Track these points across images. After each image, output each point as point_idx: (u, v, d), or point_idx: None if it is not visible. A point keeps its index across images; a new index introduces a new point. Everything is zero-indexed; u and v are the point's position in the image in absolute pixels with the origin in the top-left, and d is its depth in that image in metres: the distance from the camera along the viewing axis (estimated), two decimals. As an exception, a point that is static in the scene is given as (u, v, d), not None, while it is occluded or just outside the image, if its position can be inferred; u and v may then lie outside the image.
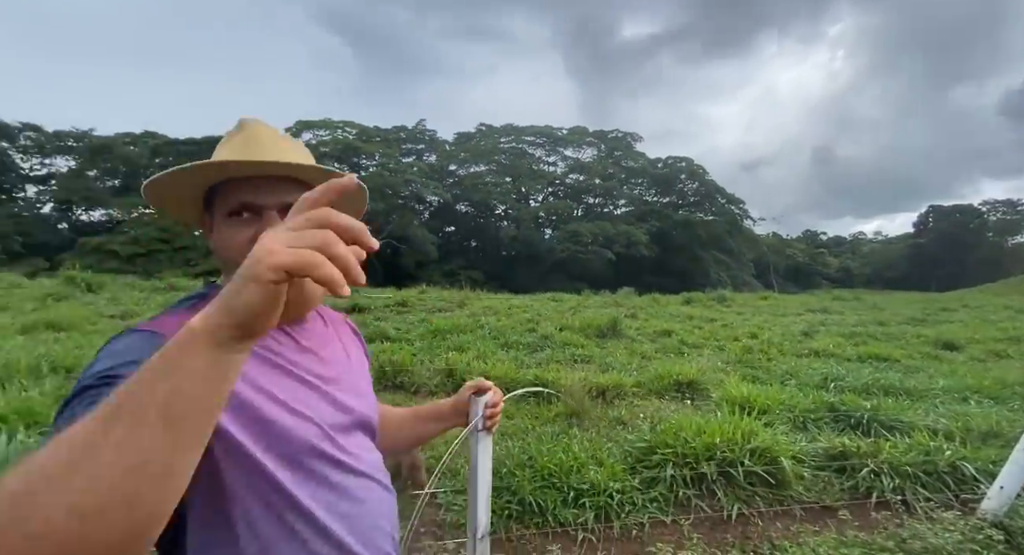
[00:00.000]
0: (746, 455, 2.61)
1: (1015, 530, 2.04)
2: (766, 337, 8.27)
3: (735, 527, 2.36)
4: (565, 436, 3.37)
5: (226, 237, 0.65)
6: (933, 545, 1.97)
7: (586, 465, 2.66)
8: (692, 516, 2.43)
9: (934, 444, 2.78)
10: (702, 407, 4.16)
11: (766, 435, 2.77)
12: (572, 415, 3.94)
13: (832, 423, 3.56)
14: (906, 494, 2.50)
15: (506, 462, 2.66)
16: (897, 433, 3.25)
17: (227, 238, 0.65)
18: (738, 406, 3.61)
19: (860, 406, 3.60)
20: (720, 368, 5.73)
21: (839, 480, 2.69)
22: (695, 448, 2.67)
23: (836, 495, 2.58)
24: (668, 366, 5.20)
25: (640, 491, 2.54)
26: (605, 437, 3.40)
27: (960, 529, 2.07)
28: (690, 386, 4.74)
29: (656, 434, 2.92)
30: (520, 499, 2.43)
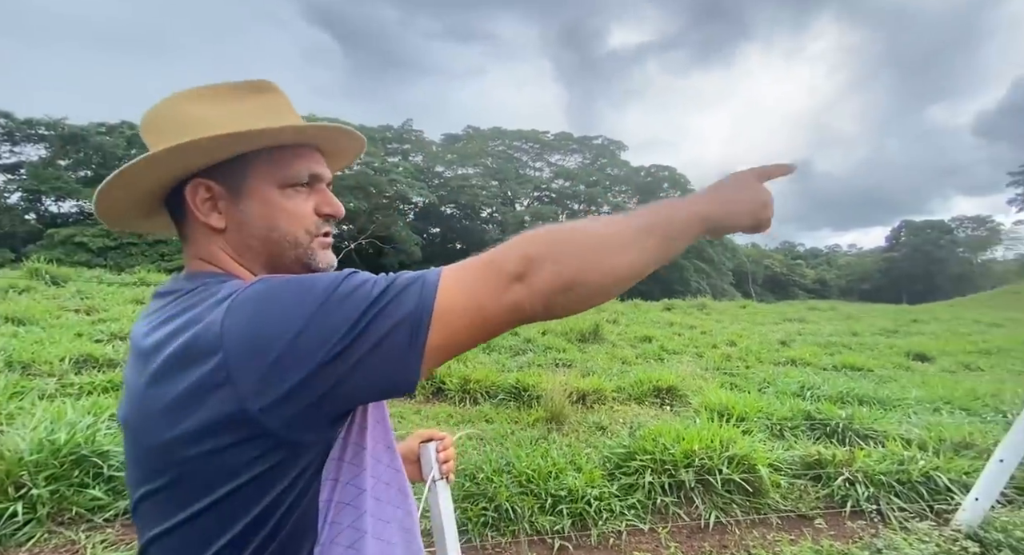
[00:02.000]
0: (724, 463, 2.59)
1: (990, 542, 2.05)
2: (744, 345, 8.38)
3: (712, 535, 2.33)
4: (544, 441, 3.32)
5: (289, 208, 0.59)
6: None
7: (564, 471, 2.60)
8: (670, 524, 2.39)
9: (908, 454, 2.81)
10: (681, 413, 4.15)
11: (744, 443, 2.75)
12: (552, 420, 3.89)
13: (808, 431, 3.58)
14: (880, 503, 2.50)
15: (483, 467, 2.58)
16: (871, 442, 3.28)
17: (291, 209, 0.59)
18: (717, 413, 3.61)
19: (835, 415, 3.63)
20: (699, 375, 5.76)
21: (815, 488, 2.69)
22: (674, 455, 2.64)
23: (812, 503, 2.58)
24: (648, 372, 5.20)
25: (618, 498, 2.49)
26: (584, 442, 3.36)
27: (935, 540, 2.07)
28: (669, 392, 4.74)
29: (635, 440, 2.88)
30: (496, 505, 2.36)
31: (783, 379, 5.33)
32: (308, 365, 0.44)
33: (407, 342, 0.46)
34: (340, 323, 0.45)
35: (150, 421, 0.47)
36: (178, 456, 0.46)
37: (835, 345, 8.77)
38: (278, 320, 0.45)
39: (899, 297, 51.16)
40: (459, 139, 46.94)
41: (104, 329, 6.17)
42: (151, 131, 0.58)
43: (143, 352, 0.50)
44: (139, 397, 0.49)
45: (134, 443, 0.50)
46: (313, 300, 0.46)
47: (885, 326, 12.40)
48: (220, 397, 0.44)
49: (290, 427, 0.45)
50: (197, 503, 0.46)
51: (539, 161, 49.05)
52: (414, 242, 34.75)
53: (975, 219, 67.18)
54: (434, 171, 43.45)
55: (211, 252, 0.58)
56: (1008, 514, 2.27)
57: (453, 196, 41.03)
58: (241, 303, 0.46)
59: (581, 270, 0.49)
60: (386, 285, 0.48)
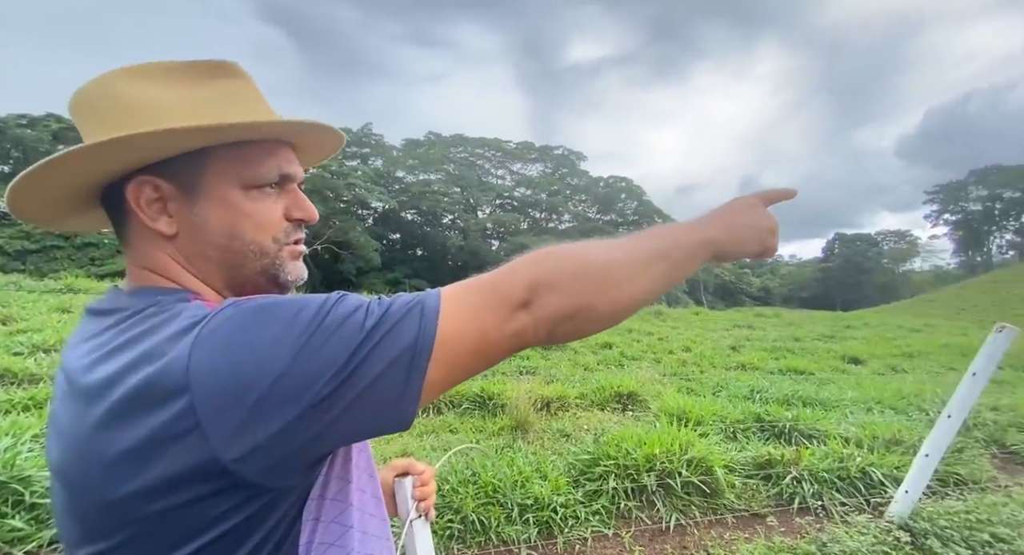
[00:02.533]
0: (683, 465, 2.69)
1: (918, 531, 2.24)
2: (698, 350, 8.74)
3: (673, 537, 2.41)
4: (510, 450, 3.32)
5: (255, 212, 0.51)
6: (850, 548, 2.12)
7: (531, 479, 2.62)
8: (633, 528, 2.45)
9: (847, 451, 3.02)
10: (642, 418, 4.27)
11: (701, 446, 2.87)
12: (517, 428, 3.90)
13: (759, 432, 3.78)
14: (824, 499, 2.68)
15: (449, 479, 2.55)
16: (815, 441, 3.50)
17: (257, 214, 0.51)
18: (675, 417, 3.74)
19: (782, 416, 3.85)
20: (658, 380, 5.95)
21: (766, 487, 2.83)
22: (636, 460, 2.71)
23: (763, 502, 2.72)
24: (610, 378, 5.32)
25: (583, 504, 2.53)
26: (550, 450, 3.39)
27: (872, 532, 2.24)
28: (630, 398, 4.87)
29: (599, 446, 2.94)
30: (463, 517, 2.33)
31: (735, 383, 5.60)
32: (292, 411, 0.39)
33: (404, 380, 0.42)
34: (329, 362, 0.40)
35: (97, 473, 0.39)
36: (135, 514, 0.39)
37: (780, 350, 9.32)
38: (257, 357, 0.39)
39: (834, 304, 55.06)
40: (420, 144, 46.54)
41: (24, 340, 5.62)
42: (86, 114, 0.48)
43: (85, 390, 0.41)
44: (81, 444, 0.40)
45: (73, 496, 0.42)
46: (298, 333, 0.40)
47: (823, 331, 13.31)
48: (187, 445, 0.37)
49: (269, 476, 0.40)
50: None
51: (501, 169, 49.42)
52: (373, 248, 33.97)
53: (896, 233, 73.82)
54: (394, 176, 42.80)
55: (159, 261, 0.50)
56: (933, 505, 2.49)
57: (414, 202, 40.54)
58: (211, 334, 0.39)
59: (588, 299, 0.47)
60: (381, 314, 0.43)
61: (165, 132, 0.44)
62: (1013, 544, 2.10)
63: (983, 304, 32.09)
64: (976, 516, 2.32)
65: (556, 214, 48.95)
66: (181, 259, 0.50)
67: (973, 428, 3.80)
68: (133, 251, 0.51)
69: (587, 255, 0.50)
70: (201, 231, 0.49)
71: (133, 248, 0.51)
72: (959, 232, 66.53)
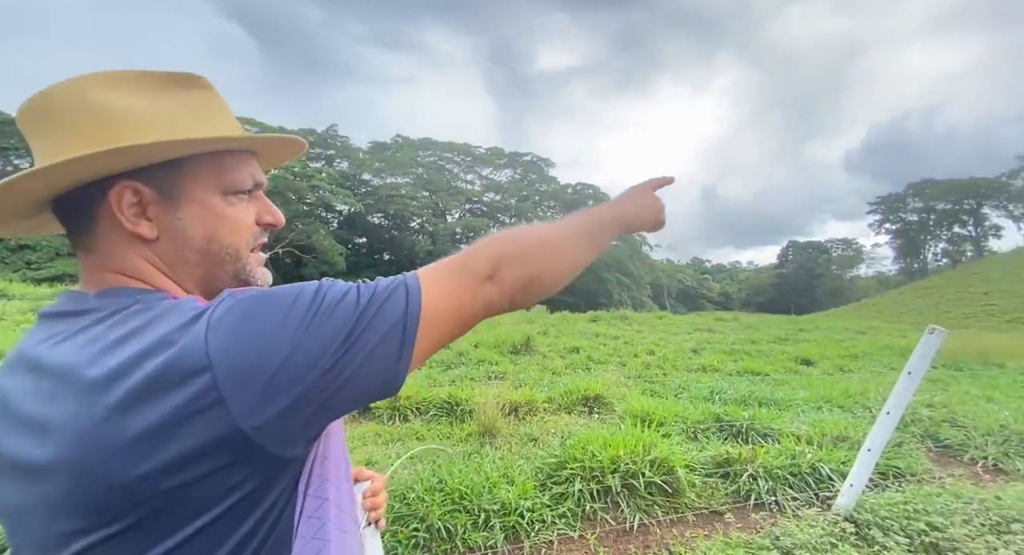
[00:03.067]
0: (647, 466, 2.76)
1: (862, 522, 2.38)
2: (662, 353, 8.97)
3: (637, 537, 2.46)
4: (477, 455, 3.30)
5: (232, 217, 0.55)
6: (801, 540, 2.22)
7: (498, 484, 2.61)
8: (598, 529, 2.49)
9: (798, 449, 3.18)
10: (607, 420, 4.35)
11: (664, 446, 2.95)
12: (485, 433, 3.89)
13: (718, 432, 3.92)
14: (778, 495, 2.80)
15: (414, 487, 2.51)
16: (769, 439, 3.66)
17: (233, 218, 0.55)
18: (639, 419, 3.83)
19: (740, 416, 4.01)
20: (623, 382, 6.07)
21: (724, 485, 2.94)
22: (601, 462, 2.76)
23: (722, 500, 2.82)
24: (577, 381, 5.38)
25: (550, 508, 2.55)
26: (517, 454, 3.39)
27: (821, 524, 2.36)
28: (596, 400, 4.94)
29: (565, 449, 2.97)
30: (428, 525, 2.30)
31: (696, 385, 5.78)
32: (304, 381, 0.43)
33: (398, 348, 0.48)
34: (332, 336, 0.45)
35: (111, 458, 0.40)
36: (154, 491, 0.41)
37: (738, 352, 9.69)
38: (269, 337, 0.43)
39: (788, 308, 57.81)
40: (388, 147, 45.90)
41: (-51, 349, 5.17)
42: (51, 121, 0.48)
43: (91, 382, 0.42)
44: (88, 433, 0.41)
45: (75, 487, 0.41)
46: (301, 315, 0.45)
47: (778, 334, 13.93)
48: (210, 419, 0.41)
49: (283, 444, 0.45)
50: (176, 536, 0.42)
51: (470, 173, 49.38)
52: (337, 252, 33.15)
53: (843, 241, 78.64)
54: (361, 179, 41.99)
55: (131, 264, 0.51)
56: (875, 497, 2.65)
57: (381, 205, 39.87)
58: (221, 320, 0.43)
59: (539, 269, 0.58)
60: (371, 294, 0.49)
61: (167, 144, 0.47)
62: (946, 532, 2.26)
63: (920, 307, 34.51)
64: (913, 506, 2.48)
65: (525, 219, 49.26)
66: (158, 262, 0.52)
67: (910, 424, 4.07)
68: (99, 255, 0.51)
69: (535, 235, 0.61)
70: (182, 235, 0.52)
71: (99, 252, 0.51)
72: (898, 241, 71.39)
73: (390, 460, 3.32)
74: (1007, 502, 2.51)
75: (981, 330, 21.10)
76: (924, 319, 24.88)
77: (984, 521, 2.34)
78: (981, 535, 2.23)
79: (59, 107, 0.48)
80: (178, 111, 0.51)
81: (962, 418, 4.14)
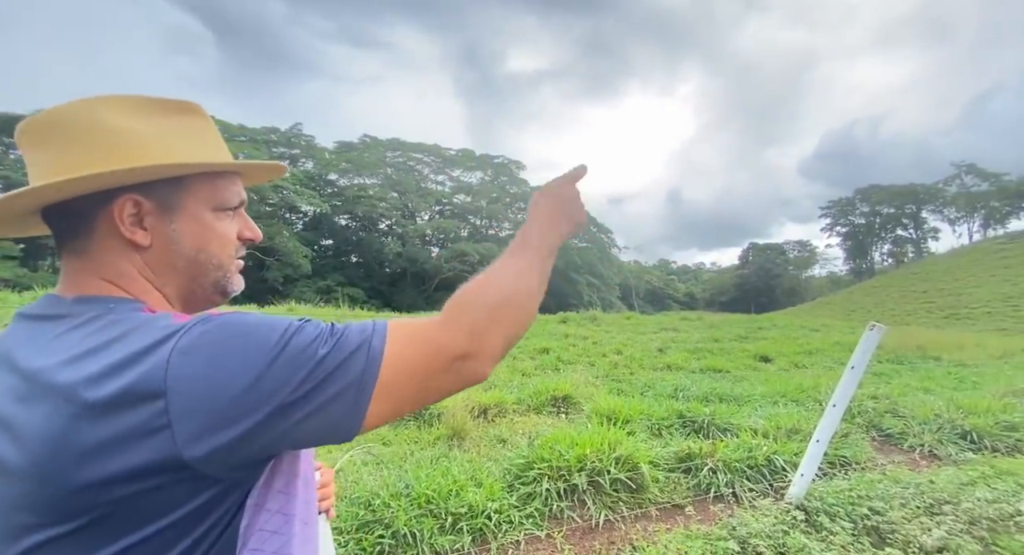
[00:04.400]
0: (612, 463, 2.82)
1: (812, 509, 2.52)
2: (629, 353, 9.18)
3: (602, 534, 2.51)
4: (445, 459, 3.29)
5: (220, 231, 0.60)
6: (755, 529, 2.33)
7: (465, 487, 2.61)
8: (564, 527, 2.52)
9: (755, 442, 3.32)
10: (575, 420, 4.41)
11: (629, 443, 3.02)
12: (453, 436, 3.87)
13: (681, 428, 4.05)
14: (735, 487, 2.92)
15: (380, 493, 2.48)
16: (729, 434, 3.81)
17: (221, 232, 0.61)
18: (606, 418, 3.90)
19: (701, 412, 4.15)
20: (591, 382, 6.17)
21: (686, 479, 3.04)
22: (568, 460, 2.80)
23: (684, 493, 2.91)
24: (546, 382, 5.44)
25: (517, 508, 2.57)
26: (486, 457, 3.40)
27: (774, 513, 2.48)
28: (565, 401, 5.01)
29: (533, 449, 3.00)
30: (394, 532, 2.27)
31: (661, 383, 5.95)
32: (252, 419, 0.45)
33: (351, 406, 0.49)
34: (287, 382, 0.46)
35: (68, 463, 0.43)
36: (101, 498, 0.43)
37: (701, 350, 10.03)
38: (228, 372, 0.45)
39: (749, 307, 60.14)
40: (354, 147, 44.94)
41: None
42: (62, 137, 0.53)
43: (62, 388, 0.44)
44: (52, 439, 0.43)
45: (33, 486, 0.44)
46: (265, 354, 0.47)
47: (739, 333, 14.50)
48: (155, 442, 0.43)
49: (224, 471, 0.47)
50: (122, 541, 0.45)
51: (441, 175, 48.98)
52: (302, 254, 32.19)
53: (799, 243, 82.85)
54: (326, 179, 40.96)
55: (122, 271, 0.55)
56: (823, 485, 2.80)
57: (348, 206, 39.01)
58: (188, 347, 0.46)
59: (513, 331, 0.59)
60: (333, 345, 0.50)
61: (172, 166, 0.54)
62: (886, 515, 2.42)
63: (867, 305, 36.62)
64: (857, 493, 2.64)
65: (496, 221, 49.29)
66: (144, 269, 0.56)
67: (856, 415, 4.33)
68: (89, 259, 0.55)
69: (502, 289, 0.60)
70: (175, 244, 0.57)
71: (90, 257, 0.55)
72: (848, 242, 75.66)
73: (354, 467, 3.25)
74: (939, 485, 2.71)
75: (920, 326, 22.65)
76: (871, 316, 26.42)
77: (919, 504, 2.52)
78: (916, 517, 2.39)
79: (70, 125, 0.53)
80: (177, 135, 0.57)
81: (902, 409, 4.43)
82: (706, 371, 7.50)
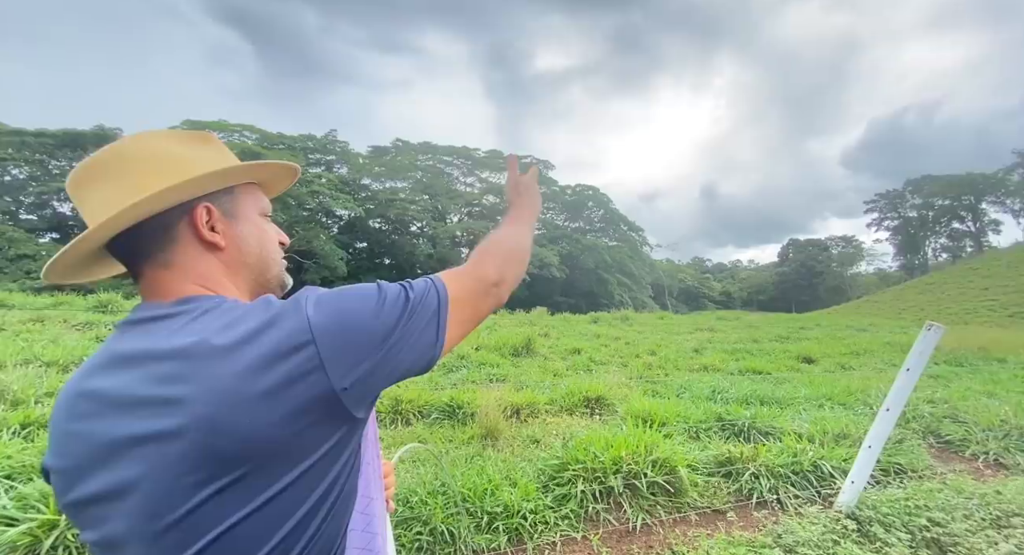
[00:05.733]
0: (648, 466, 2.77)
1: (864, 519, 2.39)
2: (663, 354, 8.98)
3: (640, 537, 2.47)
4: (480, 458, 3.31)
5: (270, 233, 0.72)
6: (802, 538, 2.23)
7: (500, 487, 2.62)
8: (601, 530, 2.49)
9: (800, 446, 3.19)
10: (609, 422, 4.35)
11: (665, 447, 2.96)
12: (487, 436, 3.89)
13: (719, 431, 3.93)
14: (779, 493, 2.81)
15: (417, 490, 2.53)
16: (771, 438, 3.67)
17: (270, 235, 0.72)
18: (641, 420, 3.84)
19: (741, 415, 4.02)
20: (625, 383, 6.07)
21: (726, 484, 2.95)
22: (603, 462, 2.77)
23: (724, 498, 2.83)
24: (578, 383, 5.39)
25: (552, 509, 2.56)
26: (519, 457, 3.40)
27: (822, 522, 2.37)
28: (598, 402, 4.95)
29: (568, 450, 2.98)
30: (431, 528, 2.31)
31: (697, 384, 5.79)
32: (377, 353, 0.57)
33: (435, 334, 0.63)
34: (393, 322, 0.59)
35: (239, 413, 0.51)
36: (270, 439, 0.52)
37: (740, 351, 9.69)
38: (354, 318, 0.57)
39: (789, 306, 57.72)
40: (387, 152, 45.95)
41: (-48, 360, 5.18)
42: (131, 164, 0.61)
43: (221, 350, 0.53)
44: (222, 394, 0.51)
45: (206, 440, 0.50)
46: (373, 302, 0.59)
47: (780, 333, 13.94)
48: (312, 381, 0.53)
49: (358, 404, 0.57)
50: (283, 479, 0.53)
51: (470, 177, 49.36)
52: (338, 257, 33.15)
53: (843, 238, 78.42)
54: (360, 184, 42.02)
55: (207, 273, 0.64)
56: (876, 493, 2.66)
57: (381, 210, 39.91)
58: (317, 306, 0.57)
59: (521, 270, 0.79)
60: (412, 292, 0.63)
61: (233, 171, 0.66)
62: (947, 527, 2.27)
63: (921, 304, 34.43)
64: (914, 502, 2.49)
65: (524, 221, 49.23)
66: (225, 270, 0.66)
67: (911, 420, 4.08)
68: (177, 268, 0.63)
69: (513, 242, 0.81)
70: (244, 244, 0.67)
71: (177, 265, 0.63)
72: (898, 237, 71.30)
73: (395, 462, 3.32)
74: (1007, 496, 2.52)
75: (981, 325, 21.10)
76: (925, 315, 24.87)
77: (985, 516, 2.35)
78: (982, 529, 2.23)
79: (132, 156, 0.62)
80: (212, 154, 0.67)
81: (963, 414, 4.15)
82: (745, 373, 7.24)
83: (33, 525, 1.98)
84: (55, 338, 7.00)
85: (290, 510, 0.54)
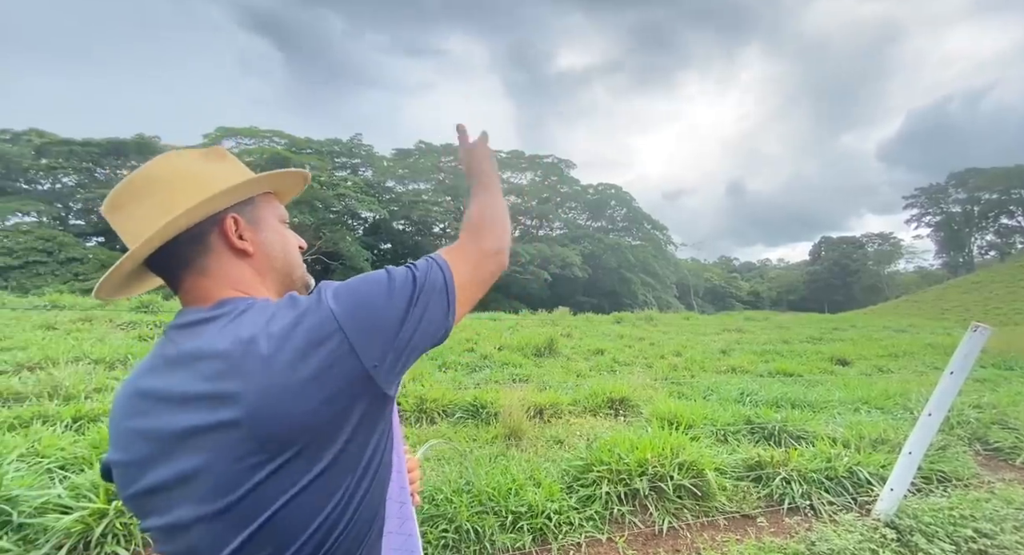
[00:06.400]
0: (675, 469, 2.72)
1: (904, 528, 2.29)
2: (689, 355, 8.80)
3: (666, 540, 2.43)
4: (503, 458, 3.32)
5: (290, 238, 0.78)
6: (838, 546, 2.15)
7: (524, 487, 2.63)
8: (626, 532, 2.47)
9: (834, 451, 3.07)
10: (634, 423, 4.30)
11: (692, 449, 2.90)
12: (510, 435, 3.90)
13: (748, 435, 3.83)
14: (813, 499, 2.72)
15: (443, 489, 2.55)
16: (803, 442, 3.56)
17: (291, 239, 0.78)
18: (667, 421, 3.78)
19: (772, 418, 3.90)
20: (649, 385, 5.99)
21: (756, 489, 2.87)
22: (628, 464, 2.74)
23: (754, 503, 2.75)
24: (602, 384, 5.34)
25: (577, 510, 2.54)
26: (543, 457, 3.40)
27: (859, 530, 2.28)
28: (622, 403, 4.90)
29: (592, 452, 2.96)
30: (457, 526, 2.33)
31: (725, 386, 5.65)
32: (396, 332, 0.63)
33: (445, 306, 0.69)
34: (406, 302, 0.65)
35: (287, 399, 0.56)
36: (317, 420, 0.58)
37: (769, 353, 9.41)
38: (372, 302, 0.63)
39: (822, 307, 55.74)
40: (411, 154, 46.56)
41: (8, 359, 5.52)
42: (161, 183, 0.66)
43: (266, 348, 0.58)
44: (271, 384, 0.57)
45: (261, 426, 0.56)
46: (385, 287, 0.65)
47: (811, 334, 13.46)
48: (347, 364, 0.59)
49: (388, 381, 0.63)
50: (330, 453, 0.59)
51: (491, 177, 49.47)
52: (364, 258, 33.82)
53: (880, 235, 74.98)
54: (385, 186, 42.74)
55: (240, 278, 0.69)
56: (917, 502, 2.54)
57: (405, 211, 40.49)
58: (336, 298, 0.62)
59: (508, 227, 0.84)
60: (416, 272, 0.69)
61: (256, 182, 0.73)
62: (996, 539, 2.16)
63: (966, 304, 32.69)
64: (960, 512, 2.37)
65: (547, 221, 49.15)
66: (255, 274, 0.71)
67: (956, 426, 3.88)
68: (212, 275, 0.68)
69: (499, 208, 0.85)
70: (270, 249, 0.73)
71: (212, 273, 0.68)
72: (940, 234, 67.77)
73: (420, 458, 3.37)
74: (1064, 508, 2.37)
75: (1034, 326, 19.86)
76: (970, 316, 23.60)
77: (1038, 528, 2.22)
78: (1035, 543, 2.11)
79: (162, 176, 0.67)
80: (229, 168, 0.72)
81: (1013, 420, 3.92)
82: (775, 374, 7.03)
83: (85, 513, 2.09)
84: (102, 337, 7.38)
85: (339, 481, 0.60)
